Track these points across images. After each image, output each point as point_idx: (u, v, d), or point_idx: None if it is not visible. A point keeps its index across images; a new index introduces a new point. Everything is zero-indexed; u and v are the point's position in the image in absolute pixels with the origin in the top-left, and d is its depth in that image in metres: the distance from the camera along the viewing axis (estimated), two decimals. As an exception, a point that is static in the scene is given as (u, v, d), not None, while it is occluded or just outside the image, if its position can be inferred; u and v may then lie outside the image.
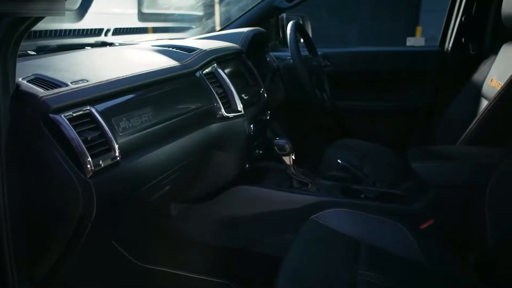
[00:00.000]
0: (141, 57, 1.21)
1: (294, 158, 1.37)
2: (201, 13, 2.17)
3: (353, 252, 1.06)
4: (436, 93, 2.08)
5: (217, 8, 2.54)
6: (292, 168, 1.38)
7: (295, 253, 1.06)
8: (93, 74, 0.91)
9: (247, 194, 1.40)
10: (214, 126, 1.21)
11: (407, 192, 1.39)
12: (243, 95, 1.36)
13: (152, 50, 1.26)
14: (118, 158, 0.82)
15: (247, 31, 1.65)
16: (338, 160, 1.52)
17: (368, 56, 2.20)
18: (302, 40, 1.92)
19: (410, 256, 1.07)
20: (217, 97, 1.21)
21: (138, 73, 1.00)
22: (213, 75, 1.27)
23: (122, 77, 0.94)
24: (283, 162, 1.38)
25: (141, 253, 1.46)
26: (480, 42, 1.97)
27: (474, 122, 1.44)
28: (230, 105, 1.27)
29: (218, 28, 2.09)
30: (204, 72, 1.23)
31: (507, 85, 1.38)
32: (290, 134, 1.96)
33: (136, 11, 1.65)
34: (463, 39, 1.98)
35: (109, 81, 0.90)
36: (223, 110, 1.22)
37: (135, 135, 0.89)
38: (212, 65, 1.28)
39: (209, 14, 2.22)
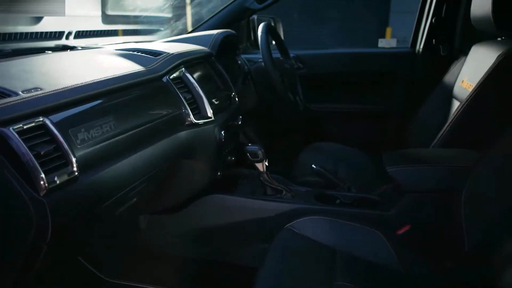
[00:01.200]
0: (103, 62, 1.14)
1: (267, 164, 1.33)
2: (169, 15, 2.11)
3: (329, 261, 1.04)
4: (409, 95, 2.08)
5: (188, 9, 2.48)
6: (265, 175, 1.34)
7: (270, 264, 1.03)
8: (48, 81, 0.84)
9: (219, 203, 1.35)
10: (183, 134, 1.15)
11: (382, 197, 1.37)
12: (213, 100, 1.31)
13: (115, 54, 1.20)
14: (76, 173, 0.75)
15: (217, 33, 1.60)
16: (312, 165, 1.49)
17: (341, 58, 2.18)
18: (274, 42, 1.89)
19: (387, 264, 1.06)
20: (185, 103, 1.15)
21: (99, 80, 0.93)
22: (181, 80, 1.21)
23: (80, 84, 0.87)
24: (256, 168, 1.34)
25: (110, 268, 1.40)
26: (450, 43, 1.98)
27: (447, 124, 1.43)
28: (199, 111, 1.21)
29: (190, 29, 2.03)
30: (171, 77, 1.17)
31: (478, 87, 1.38)
32: (263, 138, 1.92)
33: (100, 13, 1.57)
34: (433, 40, 1.99)
35: (66, 88, 0.83)
36: (192, 116, 1.16)
37: (95, 147, 0.82)
38: (180, 70, 1.22)
39: (178, 16, 2.15)
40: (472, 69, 1.59)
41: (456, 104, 1.63)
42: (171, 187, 1.27)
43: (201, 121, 1.20)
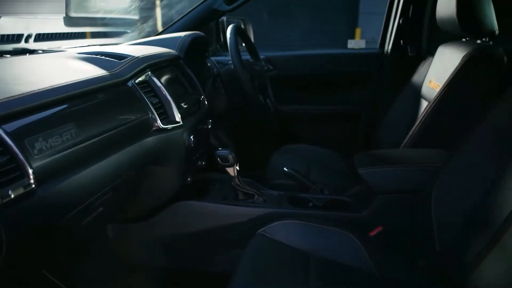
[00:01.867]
0: (64, 66, 1.09)
1: (238, 168, 1.31)
2: (136, 17, 2.05)
3: (303, 266, 1.03)
4: (378, 95, 2.10)
5: (156, 11, 2.43)
6: (236, 179, 1.32)
7: (243, 270, 1.01)
8: (3, 88, 0.79)
9: (190, 210, 1.32)
10: (150, 140, 1.11)
11: (355, 198, 1.37)
12: (181, 104, 1.27)
13: (78, 58, 1.15)
14: (33, 186, 0.71)
15: (185, 35, 1.57)
16: (284, 168, 1.48)
17: (311, 59, 2.18)
18: (244, 44, 1.87)
19: (361, 266, 1.05)
20: (152, 108, 1.12)
21: (59, 85, 0.88)
22: (147, 84, 1.17)
23: (38, 91, 0.82)
24: (227, 173, 1.31)
25: (78, 280, 1.34)
26: (418, 44, 2.01)
27: (416, 124, 1.45)
28: (167, 116, 1.18)
29: (158, 32, 1.99)
30: (136, 81, 1.13)
31: (445, 87, 1.40)
32: (234, 141, 1.90)
33: (62, 15, 1.51)
34: (401, 41, 2.02)
35: (22, 95, 0.78)
36: (159, 121, 1.12)
37: (55, 156, 0.78)
38: (146, 73, 1.18)
39: (145, 18, 2.10)
40: (439, 69, 1.61)
41: (424, 104, 1.65)
42: (139, 195, 1.23)
43: (169, 126, 1.16)
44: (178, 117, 1.19)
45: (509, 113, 0.99)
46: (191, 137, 1.26)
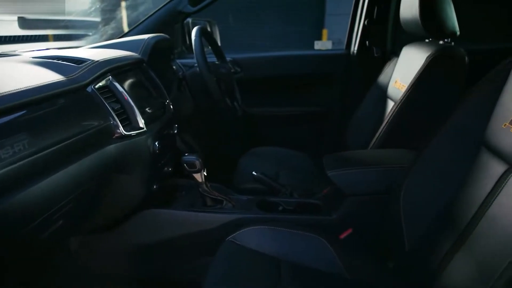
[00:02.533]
0: (17, 71, 1.02)
1: (205, 174, 1.28)
2: (98, 19, 1.99)
3: (274, 272, 1.01)
4: (345, 96, 2.11)
5: (119, 12, 2.36)
6: (204, 185, 1.29)
7: (213, 278, 0.99)
8: None
9: (157, 218, 1.28)
10: (112, 147, 1.07)
11: (324, 201, 1.36)
12: (146, 109, 1.23)
13: (33, 63, 1.08)
14: (-19, 202, 0.66)
15: (148, 38, 1.52)
16: (253, 172, 1.46)
17: (278, 60, 2.17)
18: (210, 46, 1.84)
19: (331, 269, 1.05)
20: (113, 114, 1.07)
21: (10, 92, 0.82)
22: (108, 89, 1.12)
23: (-15, 99, 0.77)
24: (194, 179, 1.28)
25: None
26: (383, 45, 2.04)
27: (382, 125, 1.46)
28: (130, 122, 1.13)
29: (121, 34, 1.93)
30: (96, 86, 1.08)
31: (410, 88, 1.42)
32: (201, 145, 1.86)
33: (16, 16, 1.44)
34: (367, 42, 2.04)
35: (-33, 105, 0.73)
36: (121, 128, 1.08)
37: (6, 169, 0.73)
38: (107, 78, 1.13)
39: (107, 20, 2.03)
40: (404, 69, 1.63)
41: (391, 104, 1.67)
42: (103, 205, 1.18)
43: (132, 133, 1.12)
44: (141, 123, 1.15)
45: (472, 112, 1.01)
46: (156, 143, 1.22)
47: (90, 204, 1.12)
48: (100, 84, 1.10)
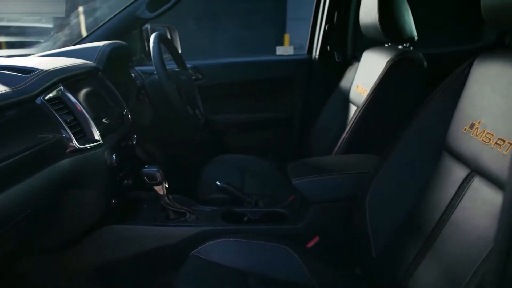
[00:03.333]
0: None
1: (167, 186, 1.23)
2: (50, 25, 1.89)
3: (241, 285, 0.99)
4: (308, 101, 2.11)
5: (74, 18, 2.26)
6: (166, 198, 1.24)
7: (178, 295, 0.94)
8: None
9: (117, 234, 1.22)
10: (66, 162, 1.00)
11: (290, 209, 1.34)
12: (102, 120, 1.17)
13: (-26, 74, 1.01)
14: None
15: (104, 45, 1.46)
16: (217, 182, 1.42)
17: (240, 66, 2.15)
18: (169, 53, 1.79)
19: (299, 280, 1.03)
20: (65, 127, 1.01)
21: None
22: (59, 100, 1.05)
23: None
24: (156, 192, 1.23)
25: None
26: (343, 49, 2.05)
27: (346, 130, 1.46)
28: (84, 135, 1.07)
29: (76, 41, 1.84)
30: (46, 97, 1.01)
31: (372, 93, 1.42)
32: (164, 155, 1.81)
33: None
34: (328, 47, 2.04)
35: None
36: (74, 141, 1.01)
37: None
38: (58, 88, 1.06)
39: (61, 26, 1.94)
40: (365, 74, 1.65)
41: (353, 109, 1.68)
42: (58, 222, 1.11)
43: (87, 146, 1.06)
44: (97, 135, 1.09)
45: (433, 117, 1.01)
46: (114, 156, 1.16)
47: (44, 223, 1.05)
48: (51, 95, 1.03)
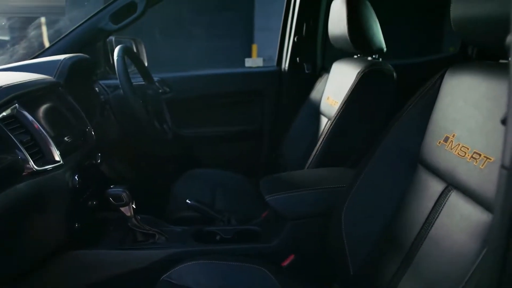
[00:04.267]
0: None
1: (134, 206, 1.16)
2: (6, 37, 1.79)
3: None
4: (279, 113, 2.09)
5: (38, 30, 2.16)
6: (133, 219, 1.17)
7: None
8: None
9: (81, 260, 1.14)
10: (22, 186, 0.93)
11: (264, 226, 1.30)
12: (64, 139, 1.10)
13: None
14: None
15: (64, 58, 1.38)
16: (187, 200, 1.36)
17: (209, 79, 2.10)
18: (135, 66, 1.73)
19: None
20: (21, 148, 0.93)
21: None
22: (15, 118, 0.98)
23: None
24: (122, 213, 1.16)
25: None
26: (313, 61, 2.04)
27: (319, 143, 1.44)
28: (43, 155, 1.00)
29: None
30: (0, 116, 0.94)
31: (343, 105, 1.41)
32: (132, 172, 1.74)
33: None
34: (297, 58, 2.03)
35: None
36: (31, 163, 0.94)
37: None
38: (13, 106, 0.99)
39: (18, 39, 1.84)
40: (335, 86, 1.64)
41: (324, 121, 1.66)
42: (17, 250, 1.02)
43: (46, 167, 0.98)
44: (57, 155, 1.02)
45: (407, 130, 1.00)
46: (76, 177, 1.09)
47: (1, 251, 0.97)
48: (4, 113, 0.96)
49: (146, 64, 1.82)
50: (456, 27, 0.86)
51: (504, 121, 0.64)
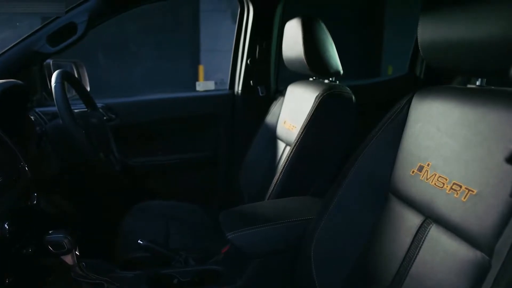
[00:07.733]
0: None
1: (78, 253, 1.02)
2: None
3: None
4: (233, 139, 2.01)
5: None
6: (77, 268, 1.03)
7: None
8: None
9: None
10: None
11: (225, 265, 1.19)
12: None
13: None
14: None
15: None
16: (139, 241, 1.23)
17: (158, 104, 1.98)
18: (75, 92, 1.58)
19: None
20: None
21: None
22: None
23: None
24: (64, 262, 1.01)
25: None
26: (267, 84, 1.99)
27: (279, 171, 1.36)
28: None
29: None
30: None
31: (303, 131, 1.36)
32: (76, 208, 1.57)
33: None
34: (251, 81, 1.97)
35: None
36: None
37: None
38: None
39: None
40: (292, 109, 1.59)
41: (282, 146, 1.60)
42: None
43: None
44: None
45: (376, 158, 0.95)
46: (6, 225, 0.94)
47: None
48: None
49: (88, 89, 1.68)
50: (423, 51, 0.83)
51: (510, 159, 0.60)
